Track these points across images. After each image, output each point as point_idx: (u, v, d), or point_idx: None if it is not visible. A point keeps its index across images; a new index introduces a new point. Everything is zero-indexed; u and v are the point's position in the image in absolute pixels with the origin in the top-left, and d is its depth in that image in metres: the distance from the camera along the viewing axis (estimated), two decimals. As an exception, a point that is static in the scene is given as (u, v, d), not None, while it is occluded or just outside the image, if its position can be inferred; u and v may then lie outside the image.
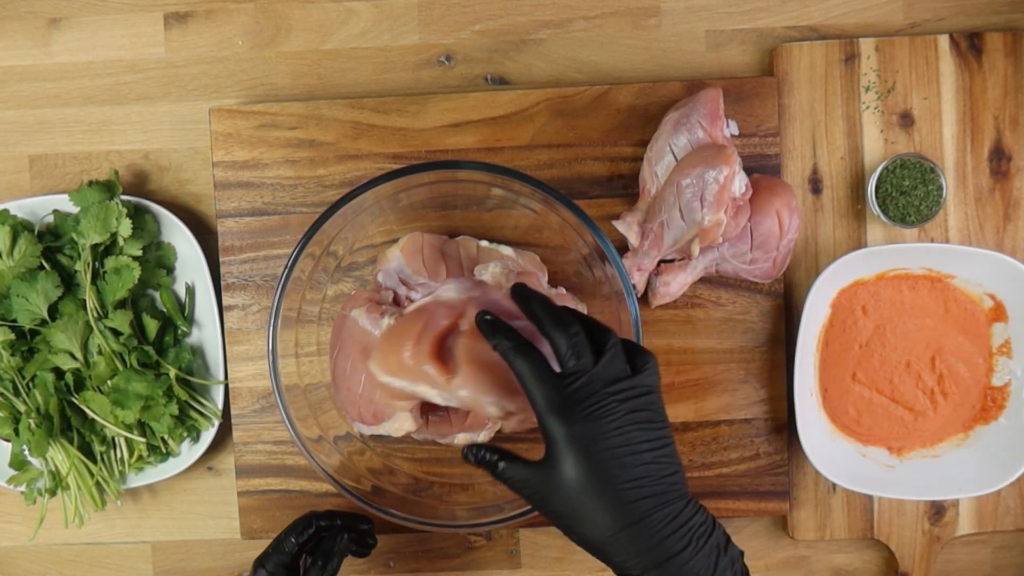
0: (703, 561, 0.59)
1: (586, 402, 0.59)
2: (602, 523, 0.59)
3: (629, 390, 0.61)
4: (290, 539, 0.78)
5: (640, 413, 0.60)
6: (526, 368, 0.61)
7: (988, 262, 0.85)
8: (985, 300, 0.88)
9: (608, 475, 0.59)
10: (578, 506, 0.59)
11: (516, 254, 0.84)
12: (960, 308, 0.88)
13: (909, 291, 0.88)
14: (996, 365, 0.89)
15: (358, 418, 0.80)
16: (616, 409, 0.60)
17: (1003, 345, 0.88)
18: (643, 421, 0.60)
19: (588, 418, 0.59)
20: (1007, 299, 0.87)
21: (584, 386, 0.60)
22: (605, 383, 0.60)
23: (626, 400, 0.60)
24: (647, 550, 0.58)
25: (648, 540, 0.58)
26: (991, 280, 0.87)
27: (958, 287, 0.88)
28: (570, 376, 0.60)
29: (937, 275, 0.88)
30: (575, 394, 0.60)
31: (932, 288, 0.88)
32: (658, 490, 0.59)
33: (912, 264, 0.87)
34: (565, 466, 0.59)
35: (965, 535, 0.91)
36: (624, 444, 0.59)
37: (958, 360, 0.89)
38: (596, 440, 0.59)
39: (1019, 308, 0.87)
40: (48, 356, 0.86)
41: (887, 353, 0.88)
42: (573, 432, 0.59)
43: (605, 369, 0.60)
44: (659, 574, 0.59)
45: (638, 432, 0.60)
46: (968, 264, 0.86)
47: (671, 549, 0.58)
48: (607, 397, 0.60)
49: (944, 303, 0.88)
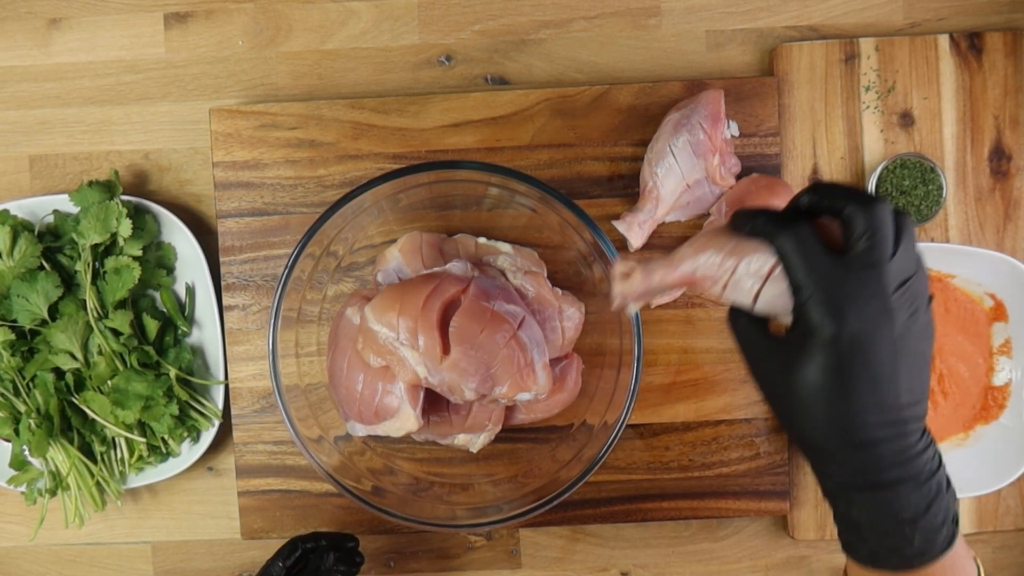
0: (915, 500, 0.52)
1: (870, 300, 0.50)
2: (824, 433, 0.52)
3: (915, 294, 0.51)
4: (277, 563, 0.79)
5: (919, 325, 0.51)
6: (793, 244, 0.51)
7: (988, 262, 0.86)
8: (985, 300, 0.88)
9: (859, 391, 0.50)
10: (810, 408, 0.52)
11: (514, 251, 0.84)
12: (960, 308, 0.88)
13: None
14: (996, 365, 0.89)
15: (357, 417, 0.80)
16: (899, 315, 0.50)
17: (1003, 345, 0.88)
18: (918, 335, 0.51)
19: (864, 319, 0.50)
20: (1007, 299, 0.87)
21: (872, 279, 0.50)
22: (896, 281, 0.50)
23: (910, 307, 0.51)
24: (863, 473, 0.52)
25: (865, 465, 0.52)
26: (991, 280, 0.87)
27: (958, 287, 0.88)
28: (857, 262, 0.50)
29: (937, 275, 0.88)
30: (858, 286, 0.50)
31: (932, 288, 0.88)
32: (897, 419, 0.51)
33: None
34: (813, 362, 0.51)
35: (965, 535, 0.91)
36: (890, 360, 0.50)
37: (958, 360, 0.89)
38: (864, 349, 0.50)
39: (1019, 308, 0.87)
40: (48, 356, 0.86)
41: None
42: (841, 332, 0.50)
43: (898, 263, 0.50)
44: (862, 498, 0.53)
45: (909, 348, 0.51)
46: (968, 264, 0.86)
47: (884, 480, 0.52)
48: (894, 299, 0.50)
49: (944, 303, 0.88)
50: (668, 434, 0.89)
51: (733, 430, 0.89)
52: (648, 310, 0.88)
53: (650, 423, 0.89)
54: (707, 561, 0.92)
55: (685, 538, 0.92)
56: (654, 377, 0.89)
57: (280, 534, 0.89)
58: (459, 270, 0.78)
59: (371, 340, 0.76)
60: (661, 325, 0.89)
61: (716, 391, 0.89)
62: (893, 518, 0.52)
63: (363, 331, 0.77)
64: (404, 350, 0.75)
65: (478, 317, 0.75)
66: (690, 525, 0.92)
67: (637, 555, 0.92)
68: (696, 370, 0.89)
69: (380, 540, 0.92)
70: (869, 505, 0.52)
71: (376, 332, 0.76)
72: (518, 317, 0.76)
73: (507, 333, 0.75)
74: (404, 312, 0.75)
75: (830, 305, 0.50)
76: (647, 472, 0.89)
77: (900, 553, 0.52)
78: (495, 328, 0.75)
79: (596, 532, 0.92)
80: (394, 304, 0.75)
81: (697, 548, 0.92)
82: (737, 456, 0.89)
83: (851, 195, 0.51)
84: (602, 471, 0.88)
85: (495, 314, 0.75)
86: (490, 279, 0.79)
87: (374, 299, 0.77)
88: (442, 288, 0.76)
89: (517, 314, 0.76)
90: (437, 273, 0.78)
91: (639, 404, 0.88)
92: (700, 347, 0.89)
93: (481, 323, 0.75)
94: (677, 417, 0.89)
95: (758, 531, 0.93)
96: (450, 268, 0.79)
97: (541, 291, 0.82)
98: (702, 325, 0.89)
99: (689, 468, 0.89)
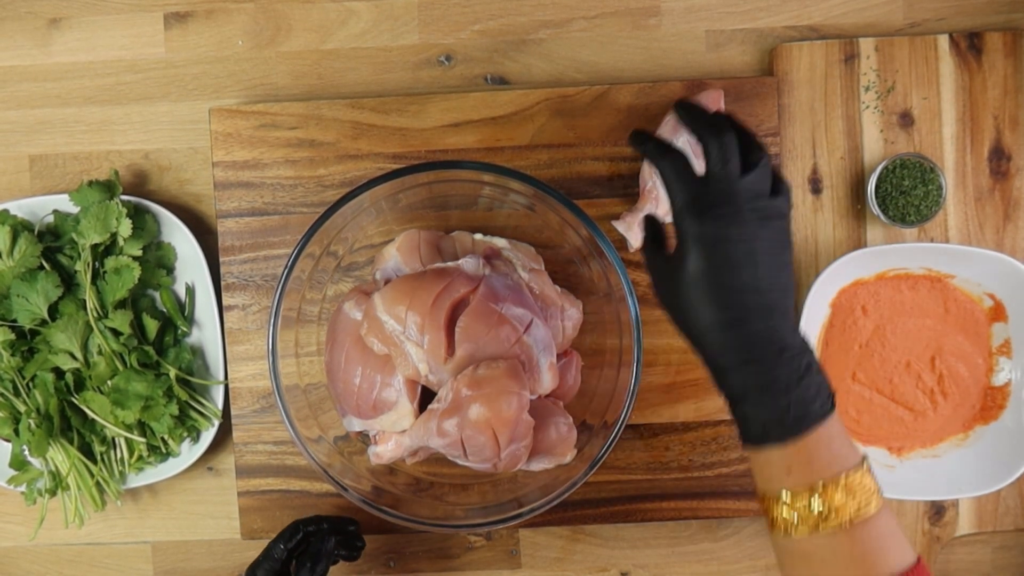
0: (786, 372, 0.61)
1: (723, 207, 0.62)
2: (705, 317, 0.63)
3: (766, 208, 0.63)
4: (279, 546, 0.80)
5: (769, 231, 0.63)
6: (670, 167, 0.65)
7: (988, 262, 0.85)
8: (985, 300, 0.88)
9: (723, 276, 0.62)
10: (690, 298, 0.63)
11: (511, 246, 0.84)
12: (960, 308, 0.88)
13: (909, 291, 0.88)
14: (996, 365, 0.89)
15: (355, 411, 0.80)
16: (748, 219, 0.62)
17: (1003, 345, 0.88)
18: (769, 238, 0.63)
19: (719, 220, 0.62)
20: (1007, 299, 0.87)
21: (725, 191, 0.63)
22: (746, 194, 0.63)
23: (760, 216, 0.63)
24: (737, 349, 0.62)
25: (741, 342, 0.62)
26: (991, 280, 0.87)
27: (958, 287, 0.88)
28: (714, 179, 0.63)
29: (937, 275, 0.88)
30: (715, 196, 0.63)
31: (932, 288, 0.88)
32: (763, 303, 0.62)
33: (912, 264, 0.87)
34: (688, 260, 0.63)
35: (965, 535, 0.91)
36: (746, 253, 0.62)
37: (958, 360, 0.89)
38: (722, 242, 0.62)
39: (1019, 308, 0.87)
40: (48, 356, 0.86)
41: (887, 353, 0.88)
42: (704, 231, 0.62)
43: (749, 181, 0.63)
44: (742, 373, 0.62)
45: (762, 247, 0.62)
46: (968, 264, 0.86)
47: (757, 355, 0.62)
48: (744, 206, 0.62)
49: (944, 303, 0.88)
50: (668, 434, 0.89)
51: (733, 430, 0.89)
52: (648, 310, 0.88)
53: (650, 423, 0.89)
54: (707, 561, 0.92)
55: (685, 538, 0.92)
56: (654, 377, 0.89)
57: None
58: (471, 267, 0.78)
59: (377, 328, 0.76)
60: (661, 325, 0.89)
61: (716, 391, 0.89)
62: (769, 389, 0.61)
63: (369, 318, 0.77)
64: (409, 345, 0.75)
65: (485, 319, 0.75)
66: (690, 525, 0.92)
67: (637, 555, 0.92)
68: (696, 370, 0.89)
69: (380, 540, 0.92)
70: (749, 378, 0.62)
71: (383, 322, 0.76)
72: (525, 321, 0.76)
73: (512, 337, 0.75)
74: (413, 308, 0.75)
75: (693, 211, 0.63)
76: (647, 472, 0.89)
77: (782, 424, 0.61)
78: (501, 332, 0.75)
79: (596, 532, 0.92)
80: (404, 298, 0.75)
81: (697, 548, 0.92)
82: (737, 456, 0.89)
83: (707, 124, 0.64)
84: (602, 471, 0.88)
85: (502, 317, 0.75)
86: (501, 276, 0.79)
87: (385, 288, 0.77)
88: (453, 287, 0.76)
89: (525, 318, 0.76)
90: (449, 269, 0.78)
91: (639, 404, 0.88)
92: (700, 347, 0.89)
93: (488, 326, 0.75)
94: (677, 417, 0.89)
95: (758, 531, 0.93)
96: (462, 264, 0.78)
97: (544, 288, 0.82)
98: (702, 325, 0.89)
99: (689, 468, 0.89)
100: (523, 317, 0.76)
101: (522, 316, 0.76)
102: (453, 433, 0.75)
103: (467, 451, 0.75)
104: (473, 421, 0.74)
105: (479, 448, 0.75)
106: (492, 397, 0.73)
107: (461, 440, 0.75)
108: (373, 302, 0.77)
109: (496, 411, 0.73)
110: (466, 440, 0.75)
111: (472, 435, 0.74)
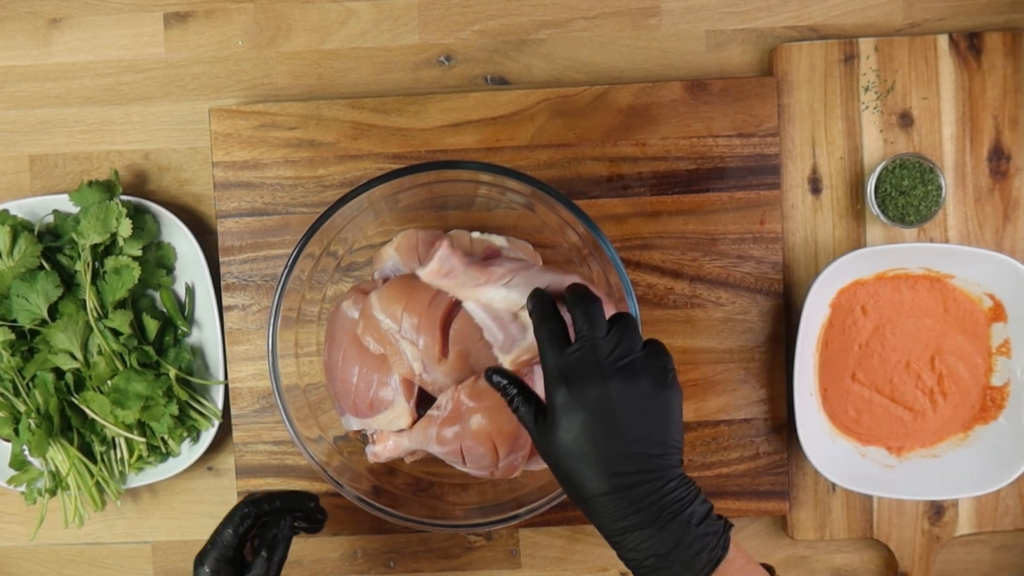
0: (675, 529, 0.60)
1: (589, 373, 0.61)
2: (584, 487, 0.62)
3: (634, 366, 0.62)
4: (227, 531, 0.73)
5: (640, 388, 0.61)
6: (544, 333, 0.64)
7: (987, 262, 0.85)
8: (984, 300, 0.88)
9: (597, 443, 0.61)
10: (566, 468, 0.62)
11: (509, 243, 0.84)
12: (959, 308, 0.88)
13: (908, 291, 0.88)
14: (995, 365, 0.89)
15: (352, 410, 0.80)
16: (617, 382, 0.61)
17: (1002, 345, 0.88)
18: (641, 396, 0.61)
19: (587, 386, 0.61)
20: (1006, 299, 0.87)
21: (588, 354, 0.62)
22: (610, 355, 0.62)
23: (629, 376, 0.61)
24: (621, 515, 0.61)
25: (624, 506, 0.61)
26: (990, 280, 0.87)
27: (957, 287, 0.88)
28: (580, 346, 0.62)
29: (936, 275, 0.88)
30: (579, 361, 0.62)
31: (931, 288, 0.88)
32: (642, 465, 0.61)
33: (911, 264, 0.87)
34: (560, 429, 0.62)
35: (965, 535, 0.91)
36: (619, 416, 0.61)
37: (957, 360, 0.89)
38: (592, 409, 0.61)
39: (1018, 308, 0.87)
40: (48, 356, 0.86)
41: (886, 353, 0.88)
42: (570, 399, 0.61)
43: (613, 341, 0.62)
44: (633, 538, 0.61)
45: (634, 407, 0.61)
46: (967, 264, 0.86)
47: (643, 518, 0.61)
48: (610, 369, 0.61)
49: (943, 303, 0.88)
50: (668, 434, 0.89)
51: (733, 430, 0.89)
52: (648, 310, 0.88)
53: (650, 423, 0.89)
54: (707, 561, 0.92)
55: (685, 538, 0.92)
56: (654, 377, 0.89)
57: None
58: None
59: (373, 327, 0.77)
60: (661, 325, 0.89)
61: (716, 391, 0.89)
62: (651, 552, 0.61)
63: (366, 317, 0.77)
64: (404, 344, 0.76)
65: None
66: (690, 525, 0.92)
67: (637, 555, 0.92)
68: (696, 370, 0.89)
69: (380, 540, 0.92)
70: (641, 541, 0.61)
71: (379, 321, 0.76)
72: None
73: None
74: (409, 308, 0.75)
75: (561, 378, 0.62)
76: (647, 472, 0.89)
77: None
78: None
79: (596, 532, 0.92)
80: (400, 297, 0.76)
81: (697, 548, 0.92)
82: (737, 456, 0.89)
83: (576, 296, 0.64)
84: (602, 471, 0.88)
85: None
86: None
87: (382, 287, 0.77)
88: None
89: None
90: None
91: (639, 404, 0.88)
92: (700, 347, 0.89)
93: (479, 328, 0.75)
94: (677, 417, 0.89)
95: (758, 531, 0.93)
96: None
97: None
98: (702, 325, 0.89)
99: (689, 469, 0.89)
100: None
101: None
102: (453, 442, 0.75)
103: (466, 459, 0.76)
104: (474, 432, 0.74)
105: (478, 458, 0.75)
106: (494, 410, 0.74)
107: (461, 449, 0.75)
108: (370, 301, 0.77)
109: (497, 425, 0.74)
110: (466, 450, 0.75)
111: (472, 446, 0.75)
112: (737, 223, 0.88)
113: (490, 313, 0.74)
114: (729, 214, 0.88)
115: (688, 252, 0.88)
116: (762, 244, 0.88)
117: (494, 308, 0.73)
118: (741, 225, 0.88)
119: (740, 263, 0.88)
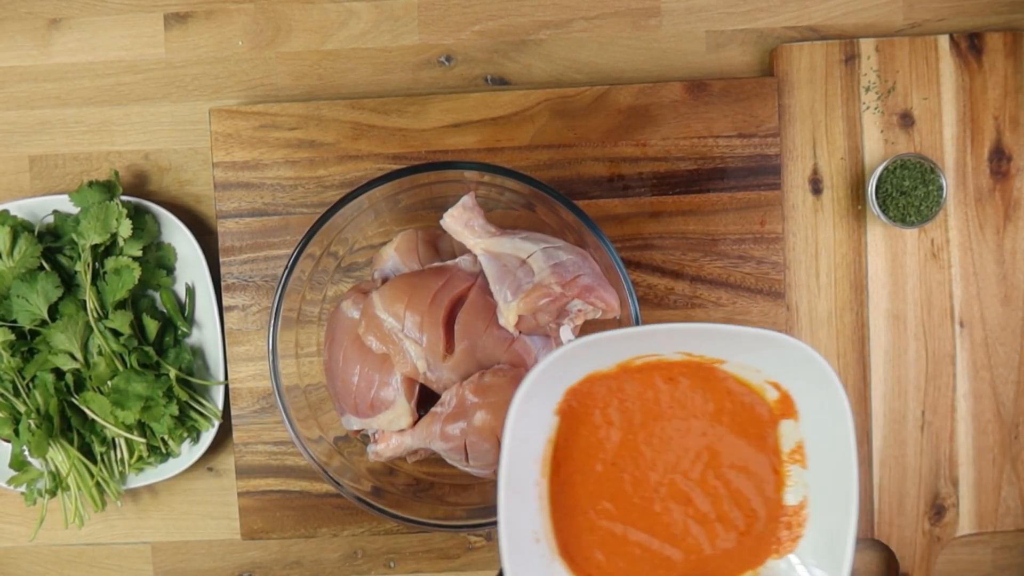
0: None
1: None
2: None
3: None
4: None
5: None
6: None
7: (762, 344, 0.62)
8: (767, 390, 0.66)
9: None
10: None
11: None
12: (735, 403, 0.66)
13: (665, 384, 0.65)
14: (788, 477, 0.66)
15: (353, 410, 0.80)
16: None
17: (794, 451, 0.66)
18: None
19: None
20: (794, 388, 0.64)
21: None
22: None
23: None
24: None
25: None
26: (771, 364, 0.64)
27: (730, 374, 0.65)
28: None
29: (700, 360, 0.65)
30: None
31: (696, 378, 0.65)
32: None
33: (664, 349, 0.64)
34: None
35: (965, 535, 0.91)
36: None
37: (738, 473, 0.66)
38: None
39: (811, 399, 0.64)
40: (48, 357, 0.86)
41: (642, 472, 0.65)
42: None
43: None
44: None
45: None
46: (737, 346, 0.64)
47: None
48: None
49: (715, 397, 0.65)
50: (668, 434, 0.89)
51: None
52: (648, 310, 0.88)
53: (650, 423, 0.89)
54: (707, 561, 0.93)
55: (685, 538, 0.92)
56: (654, 377, 0.89)
57: (280, 534, 0.89)
58: (469, 264, 0.79)
59: (375, 326, 0.77)
60: (661, 325, 0.89)
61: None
62: None
63: (367, 316, 0.77)
64: (407, 343, 0.76)
65: (483, 314, 0.75)
66: (690, 525, 0.92)
67: (637, 555, 0.92)
68: (696, 370, 0.89)
69: (380, 540, 0.92)
70: None
71: (382, 320, 0.76)
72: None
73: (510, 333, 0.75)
74: (412, 306, 0.75)
75: None
76: (647, 472, 0.89)
77: None
78: (498, 326, 0.75)
79: (596, 532, 0.92)
80: (402, 296, 0.76)
81: (697, 548, 0.92)
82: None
83: None
84: (602, 471, 0.88)
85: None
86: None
87: (383, 286, 0.77)
88: (451, 284, 0.76)
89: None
90: (447, 267, 0.78)
91: (639, 404, 0.88)
92: (700, 347, 0.89)
93: (486, 321, 0.75)
94: (677, 417, 0.89)
95: (758, 531, 0.93)
96: (460, 262, 0.79)
97: None
98: (702, 325, 0.89)
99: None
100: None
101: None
102: (457, 437, 0.75)
103: (469, 456, 0.76)
104: (478, 427, 0.74)
105: (482, 454, 0.75)
106: (498, 407, 0.74)
107: (464, 445, 0.75)
108: (371, 300, 0.77)
109: (501, 421, 0.74)
110: (469, 446, 0.75)
111: (476, 441, 0.75)
112: (738, 224, 0.88)
113: (499, 262, 0.74)
114: (730, 214, 0.88)
115: (688, 252, 0.88)
116: (763, 245, 0.88)
117: (503, 256, 0.74)
118: (742, 226, 0.88)
119: (741, 264, 0.88)
